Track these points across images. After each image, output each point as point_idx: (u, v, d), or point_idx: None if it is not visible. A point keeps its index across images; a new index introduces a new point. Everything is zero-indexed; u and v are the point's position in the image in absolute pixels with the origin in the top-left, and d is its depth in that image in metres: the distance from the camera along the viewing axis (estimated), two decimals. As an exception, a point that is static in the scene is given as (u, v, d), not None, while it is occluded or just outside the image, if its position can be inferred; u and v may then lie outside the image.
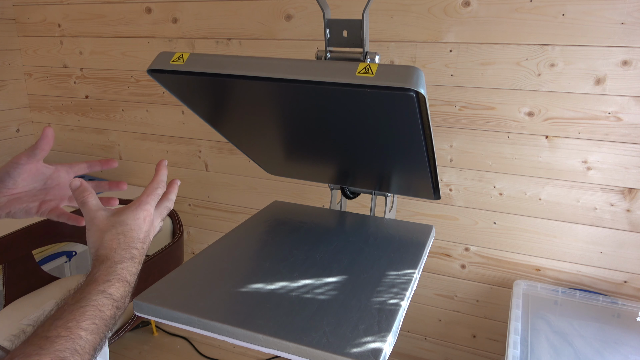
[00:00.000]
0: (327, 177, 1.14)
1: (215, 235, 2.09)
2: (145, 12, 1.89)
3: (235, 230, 1.04)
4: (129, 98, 2.04)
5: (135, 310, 0.77)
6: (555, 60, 1.39)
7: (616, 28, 1.31)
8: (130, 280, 0.61)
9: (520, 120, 1.47)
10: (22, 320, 1.49)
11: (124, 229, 0.63)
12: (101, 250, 0.61)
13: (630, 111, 1.35)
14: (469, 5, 1.43)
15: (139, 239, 0.64)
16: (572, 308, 1.45)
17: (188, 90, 0.88)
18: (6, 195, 0.71)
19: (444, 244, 1.69)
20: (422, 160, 0.86)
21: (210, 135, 1.93)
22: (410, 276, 0.86)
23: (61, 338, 0.50)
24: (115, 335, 1.47)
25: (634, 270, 1.47)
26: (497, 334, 1.72)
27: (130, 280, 0.61)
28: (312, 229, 1.05)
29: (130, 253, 0.62)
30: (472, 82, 1.49)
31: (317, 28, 1.64)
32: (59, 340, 0.50)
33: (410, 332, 1.85)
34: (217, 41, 1.80)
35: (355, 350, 0.66)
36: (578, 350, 1.27)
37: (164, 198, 0.72)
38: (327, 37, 0.83)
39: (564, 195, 1.48)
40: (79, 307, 0.54)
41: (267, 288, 0.81)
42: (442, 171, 1.61)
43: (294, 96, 0.79)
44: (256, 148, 1.10)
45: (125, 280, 0.60)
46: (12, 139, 2.24)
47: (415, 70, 0.64)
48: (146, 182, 2.13)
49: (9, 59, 2.18)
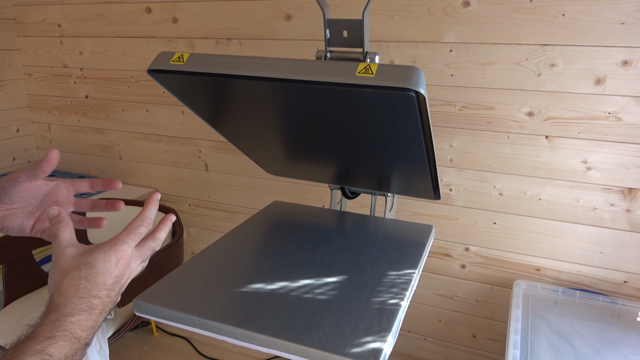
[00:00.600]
0: (327, 177, 1.14)
1: (215, 235, 2.09)
2: (145, 12, 1.89)
3: (235, 230, 1.04)
4: (129, 98, 2.04)
5: (135, 310, 0.77)
6: (555, 60, 1.39)
7: (616, 28, 1.31)
8: (81, 337, 0.51)
9: (520, 120, 1.47)
10: (22, 320, 1.49)
11: (88, 272, 0.54)
12: (55, 296, 0.52)
13: (630, 111, 1.35)
14: (469, 5, 1.43)
15: (104, 285, 0.54)
16: (572, 308, 1.45)
17: (188, 90, 0.88)
18: (0, 210, 0.66)
19: (444, 244, 1.69)
20: (422, 160, 0.86)
21: (210, 135, 1.93)
22: (410, 276, 0.86)
23: None
24: (115, 335, 1.47)
25: (634, 270, 1.47)
26: (497, 334, 1.72)
27: (81, 337, 0.51)
28: (312, 229, 1.05)
29: (88, 303, 0.52)
30: (472, 82, 1.49)
31: (317, 28, 1.64)
32: None
33: (410, 332, 1.85)
34: (217, 41, 1.80)
35: (355, 350, 0.66)
36: (578, 350, 1.27)
37: (149, 236, 0.62)
38: (327, 37, 0.83)
39: (564, 195, 1.48)
40: None
41: (267, 288, 0.81)
42: (442, 171, 1.61)
43: (294, 96, 0.79)
44: (256, 148, 1.10)
45: (73, 337, 0.50)
46: (12, 139, 2.24)
47: (415, 70, 0.64)
48: (146, 182, 2.14)
49: (9, 59, 2.18)
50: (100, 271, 0.55)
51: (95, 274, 0.54)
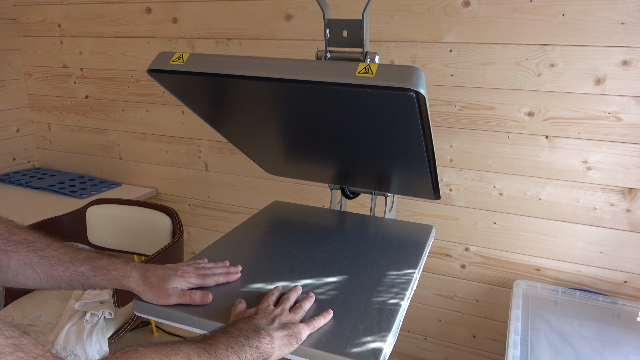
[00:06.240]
0: (327, 177, 1.14)
1: (215, 235, 2.09)
2: (145, 12, 1.89)
3: (235, 230, 1.04)
4: (129, 98, 2.04)
5: (135, 310, 0.77)
6: (555, 60, 1.39)
7: (616, 28, 1.31)
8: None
9: (520, 120, 1.47)
10: (22, 320, 1.49)
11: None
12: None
13: (630, 111, 1.35)
14: (469, 5, 1.43)
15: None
16: (572, 308, 1.45)
17: (188, 90, 0.88)
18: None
19: (444, 244, 1.69)
20: (422, 160, 0.86)
21: (210, 135, 1.93)
22: (410, 276, 0.86)
23: None
24: (115, 335, 1.47)
25: (634, 270, 1.47)
26: (497, 334, 1.72)
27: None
28: (312, 229, 1.05)
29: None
30: (472, 82, 1.49)
31: (317, 28, 1.64)
32: None
33: (410, 332, 1.85)
34: (217, 41, 1.80)
35: (355, 350, 0.66)
36: (578, 350, 1.27)
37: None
38: (327, 37, 0.83)
39: (564, 195, 1.48)
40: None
41: (267, 288, 0.81)
42: (442, 171, 1.61)
43: (294, 96, 0.79)
44: (256, 148, 1.10)
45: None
46: (12, 139, 2.24)
47: (415, 70, 0.64)
48: (146, 182, 2.14)
49: (9, 59, 2.18)
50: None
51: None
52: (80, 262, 0.75)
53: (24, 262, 0.72)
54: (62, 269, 0.74)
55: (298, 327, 0.68)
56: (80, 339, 1.38)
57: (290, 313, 0.72)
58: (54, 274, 0.73)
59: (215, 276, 0.81)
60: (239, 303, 0.74)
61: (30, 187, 2.05)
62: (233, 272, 0.83)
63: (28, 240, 0.73)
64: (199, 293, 0.76)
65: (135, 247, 1.72)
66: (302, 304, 0.74)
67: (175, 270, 0.78)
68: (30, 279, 0.73)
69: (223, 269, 0.84)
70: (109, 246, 1.74)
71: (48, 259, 0.73)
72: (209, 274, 0.81)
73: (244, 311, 0.72)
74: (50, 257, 0.73)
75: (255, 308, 0.72)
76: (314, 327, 0.70)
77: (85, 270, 0.74)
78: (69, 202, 1.89)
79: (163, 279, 0.76)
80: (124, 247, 1.73)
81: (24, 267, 0.72)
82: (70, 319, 1.44)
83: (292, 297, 0.76)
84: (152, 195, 2.10)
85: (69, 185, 2.08)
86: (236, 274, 0.84)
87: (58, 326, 1.44)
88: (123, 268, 0.76)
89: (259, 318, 0.69)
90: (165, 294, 0.75)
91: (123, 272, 0.75)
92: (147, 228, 1.68)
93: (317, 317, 0.72)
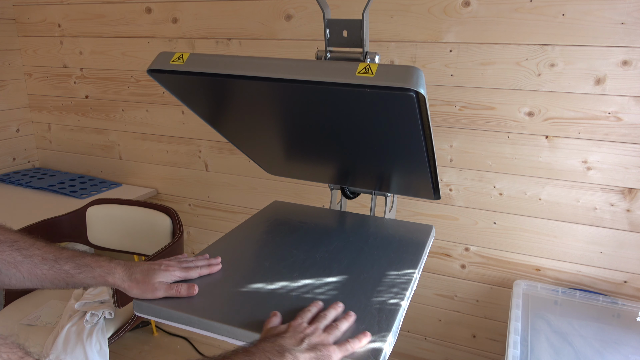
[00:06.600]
0: (327, 177, 1.14)
1: (215, 235, 2.09)
2: (145, 12, 1.89)
3: (235, 230, 1.04)
4: (129, 98, 2.04)
5: (135, 310, 0.77)
6: (555, 60, 1.39)
7: (616, 28, 1.31)
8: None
9: (520, 120, 1.47)
10: (22, 320, 1.49)
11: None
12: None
13: (630, 111, 1.35)
14: (469, 5, 1.43)
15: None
16: (572, 308, 1.45)
17: (188, 90, 0.88)
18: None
19: (444, 244, 1.69)
20: (422, 160, 0.86)
21: (210, 135, 1.93)
22: (410, 276, 0.86)
23: None
24: (115, 335, 1.47)
25: (634, 270, 1.47)
26: (497, 334, 1.72)
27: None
28: (312, 229, 1.05)
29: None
30: (472, 82, 1.49)
31: (317, 28, 1.64)
32: None
33: (410, 332, 1.85)
34: (217, 41, 1.80)
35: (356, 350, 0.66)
36: (578, 350, 1.27)
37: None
38: (327, 37, 0.83)
39: (564, 195, 1.48)
40: None
41: (267, 288, 0.81)
42: (442, 171, 1.61)
43: (294, 96, 0.79)
44: (256, 148, 1.10)
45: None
46: (12, 139, 2.24)
47: (415, 70, 0.64)
48: (146, 182, 2.14)
49: (9, 59, 2.18)
50: None
51: None
52: (64, 260, 0.75)
53: (7, 261, 0.71)
54: (46, 268, 0.74)
55: (329, 350, 0.64)
56: (80, 339, 1.38)
57: (324, 333, 0.67)
58: (37, 273, 0.73)
59: (198, 268, 0.82)
60: (274, 316, 0.71)
61: (30, 187, 2.05)
62: (214, 264, 0.85)
63: (11, 240, 0.73)
64: (185, 285, 0.77)
65: (135, 247, 1.72)
66: (338, 324, 0.69)
67: (159, 265, 0.79)
68: (14, 278, 0.72)
69: (204, 261, 0.85)
70: (109, 246, 1.74)
71: (32, 258, 0.73)
72: (192, 267, 0.82)
73: (275, 327, 0.68)
74: (34, 255, 0.73)
75: (288, 324, 0.68)
76: (346, 351, 0.65)
77: (70, 268, 0.75)
78: (69, 202, 1.89)
79: (148, 274, 0.76)
80: (124, 247, 1.73)
81: (7, 266, 0.72)
82: (70, 319, 1.44)
83: (330, 315, 0.71)
84: (152, 195, 2.10)
85: (69, 185, 2.08)
86: (217, 265, 0.85)
87: (58, 326, 1.44)
88: (107, 265, 0.76)
89: (287, 337, 0.64)
90: (152, 288, 0.75)
91: (107, 269, 0.76)
92: (147, 228, 1.68)
93: (352, 340, 0.66)
